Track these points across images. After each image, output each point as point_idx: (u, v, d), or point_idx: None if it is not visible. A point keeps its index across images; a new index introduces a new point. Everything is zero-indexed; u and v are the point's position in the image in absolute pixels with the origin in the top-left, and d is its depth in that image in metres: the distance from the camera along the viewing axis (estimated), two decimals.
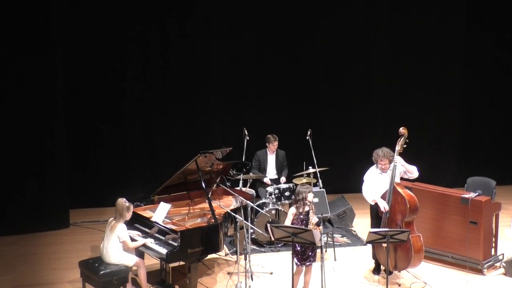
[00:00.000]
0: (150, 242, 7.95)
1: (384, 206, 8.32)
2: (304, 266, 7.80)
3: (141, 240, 7.98)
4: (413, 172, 8.52)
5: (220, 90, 12.09)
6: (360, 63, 12.57)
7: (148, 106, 11.74)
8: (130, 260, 7.86)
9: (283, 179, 10.73)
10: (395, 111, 12.64)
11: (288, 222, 7.76)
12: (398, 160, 8.36)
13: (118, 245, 7.79)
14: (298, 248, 7.70)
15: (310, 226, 7.58)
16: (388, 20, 12.48)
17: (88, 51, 11.23)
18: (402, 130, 8.42)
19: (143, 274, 7.96)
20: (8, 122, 10.26)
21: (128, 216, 7.88)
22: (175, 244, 7.77)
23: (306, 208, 7.73)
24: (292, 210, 7.79)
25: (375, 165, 8.61)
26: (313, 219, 7.66)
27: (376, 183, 8.53)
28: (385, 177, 8.49)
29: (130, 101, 11.63)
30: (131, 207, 7.93)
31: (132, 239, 7.97)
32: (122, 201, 7.86)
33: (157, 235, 8.10)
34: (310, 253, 7.73)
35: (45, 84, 10.36)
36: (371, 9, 12.41)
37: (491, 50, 12.96)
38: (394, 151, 8.41)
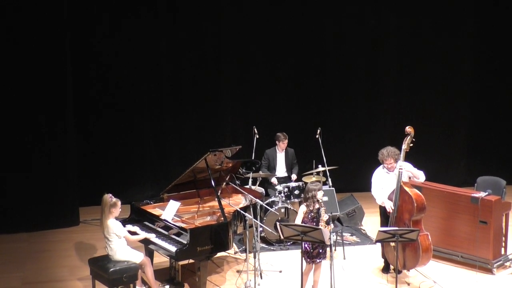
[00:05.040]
0: (153, 236, 7.97)
1: (389, 207, 8.34)
2: (313, 264, 7.81)
3: (143, 234, 8.00)
4: (419, 177, 8.46)
5: (230, 89, 12.10)
6: (369, 63, 12.54)
7: (158, 104, 11.77)
8: (137, 257, 7.86)
9: (293, 176, 10.73)
10: (404, 110, 12.61)
11: (298, 220, 7.76)
12: (404, 166, 8.32)
13: (120, 242, 7.80)
14: (308, 248, 7.70)
15: (322, 224, 7.59)
16: (397, 20, 12.45)
17: (99, 51, 11.28)
18: (408, 129, 8.38)
19: (150, 272, 7.96)
20: (18, 120, 10.30)
21: (116, 212, 7.80)
22: (180, 239, 7.80)
23: (317, 206, 7.73)
24: (303, 208, 7.79)
25: (382, 165, 8.60)
26: (324, 216, 7.66)
27: (384, 183, 8.53)
28: (392, 176, 8.48)
29: (140, 100, 11.66)
30: (118, 202, 7.82)
31: (134, 233, 8.00)
32: (107, 197, 7.80)
33: (160, 229, 8.13)
34: (320, 250, 7.74)
35: (55, 81, 10.39)
36: (380, 11, 12.39)
37: (500, 48, 12.90)
38: (400, 150, 8.38)
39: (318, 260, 7.79)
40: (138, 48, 11.46)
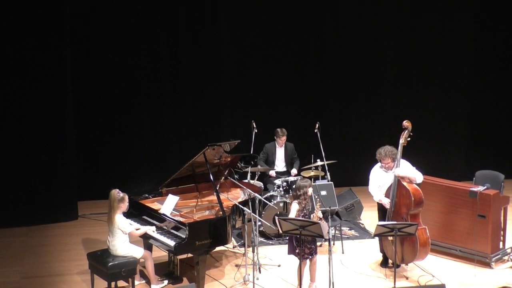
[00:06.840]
0: (152, 230, 7.98)
1: (386, 203, 8.35)
2: (308, 260, 7.83)
3: (143, 228, 8.01)
4: (416, 180, 8.40)
5: (229, 83, 12.09)
6: (368, 57, 12.52)
7: (157, 98, 11.76)
8: (138, 252, 7.89)
9: (294, 171, 10.73)
10: (403, 104, 12.58)
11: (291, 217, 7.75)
12: (399, 172, 8.26)
13: (123, 238, 7.81)
14: (295, 243, 7.70)
15: (314, 220, 7.58)
16: (396, 16, 12.43)
17: (98, 46, 11.27)
18: (405, 123, 8.37)
19: (150, 266, 8.00)
20: (18, 115, 10.31)
21: (124, 206, 7.85)
22: (178, 233, 7.81)
23: (309, 203, 7.73)
24: (296, 206, 7.78)
25: (379, 162, 8.59)
26: (318, 213, 7.66)
27: (381, 180, 8.52)
28: (390, 173, 8.46)
29: (140, 94, 11.65)
30: (126, 197, 7.86)
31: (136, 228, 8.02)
32: (115, 192, 7.80)
33: (159, 224, 8.14)
34: (312, 246, 7.75)
35: (55, 77, 10.39)
36: (380, 5, 12.36)
37: (500, 42, 12.87)
38: (398, 145, 8.36)
39: (311, 257, 7.82)
40: (138, 42, 11.45)
